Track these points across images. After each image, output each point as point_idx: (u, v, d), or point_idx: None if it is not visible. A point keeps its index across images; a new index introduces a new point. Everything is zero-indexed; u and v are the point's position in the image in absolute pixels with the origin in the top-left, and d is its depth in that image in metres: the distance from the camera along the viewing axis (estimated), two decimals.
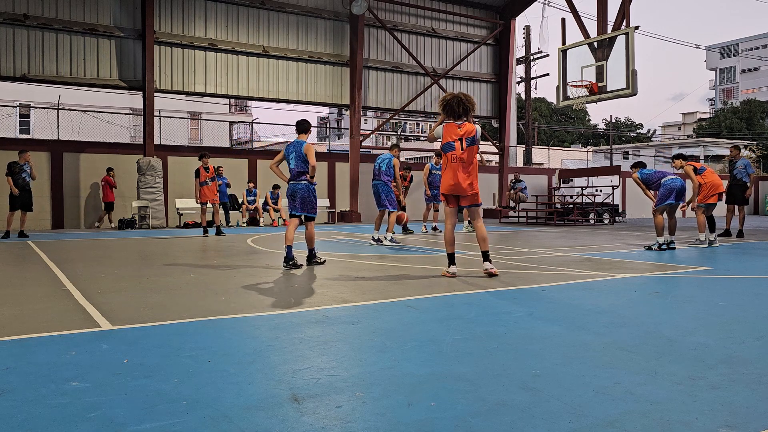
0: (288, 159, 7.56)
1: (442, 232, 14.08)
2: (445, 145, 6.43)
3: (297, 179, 7.45)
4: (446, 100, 6.52)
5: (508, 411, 2.36)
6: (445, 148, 6.43)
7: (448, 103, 6.49)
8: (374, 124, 64.34)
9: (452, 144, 6.37)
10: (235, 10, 19.55)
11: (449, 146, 6.39)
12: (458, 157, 6.35)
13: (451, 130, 6.41)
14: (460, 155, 6.35)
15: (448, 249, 6.46)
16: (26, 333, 3.73)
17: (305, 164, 7.39)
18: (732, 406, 2.42)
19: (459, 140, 6.35)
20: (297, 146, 7.47)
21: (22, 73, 16.80)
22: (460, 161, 6.35)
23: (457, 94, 6.52)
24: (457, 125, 6.41)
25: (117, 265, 7.58)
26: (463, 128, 6.40)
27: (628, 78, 15.55)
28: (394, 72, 22.56)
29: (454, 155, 6.37)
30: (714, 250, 9.68)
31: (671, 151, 50.99)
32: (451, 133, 6.40)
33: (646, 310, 4.51)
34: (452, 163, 6.38)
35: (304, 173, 7.41)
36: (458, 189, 6.39)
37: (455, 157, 6.36)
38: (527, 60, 30.28)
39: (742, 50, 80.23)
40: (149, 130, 17.78)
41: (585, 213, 21.19)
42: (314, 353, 3.25)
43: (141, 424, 2.23)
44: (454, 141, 6.36)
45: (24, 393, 2.58)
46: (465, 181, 6.36)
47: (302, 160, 7.40)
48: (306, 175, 7.41)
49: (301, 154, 7.40)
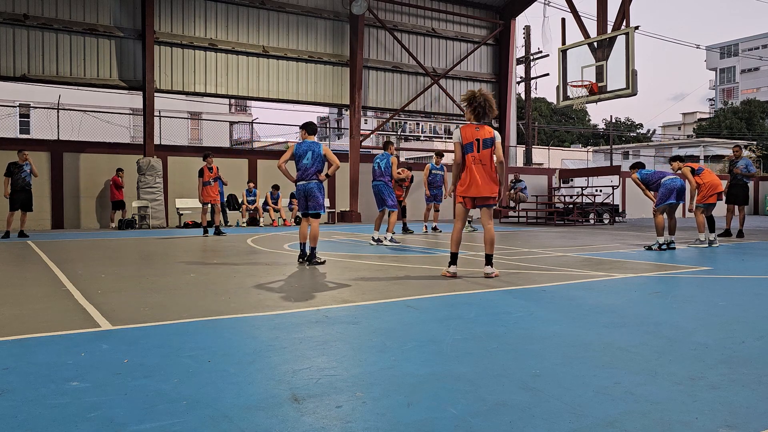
0: (301, 159, 7.69)
1: (442, 233, 14.11)
2: (465, 146, 6.35)
3: (310, 179, 7.64)
4: (474, 98, 6.35)
5: (508, 411, 2.36)
6: (466, 149, 6.35)
7: (475, 100, 6.35)
8: (374, 124, 64.30)
9: (470, 145, 6.33)
10: (235, 10, 19.55)
11: (468, 147, 6.34)
12: (476, 158, 6.30)
13: (470, 132, 6.35)
14: (477, 156, 6.30)
15: (453, 248, 6.43)
16: (26, 333, 3.73)
17: (323, 164, 7.68)
18: (732, 406, 2.42)
19: (476, 141, 6.31)
20: (314, 146, 7.67)
21: (22, 73, 16.80)
22: (478, 162, 6.31)
23: (484, 93, 6.38)
24: (476, 127, 6.36)
25: (117, 265, 7.58)
26: (481, 129, 6.36)
27: (628, 78, 15.56)
28: (394, 72, 22.56)
29: (473, 156, 6.33)
30: (714, 250, 9.68)
31: (671, 151, 51.02)
32: (469, 134, 6.34)
33: (646, 310, 4.51)
34: (471, 165, 6.33)
35: (319, 173, 7.66)
36: (476, 191, 6.34)
37: (474, 158, 6.32)
38: (527, 60, 30.28)
39: (742, 50, 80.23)
40: (149, 130, 17.78)
41: (585, 213, 21.19)
42: (314, 353, 3.25)
43: (141, 424, 2.23)
44: (472, 142, 6.32)
45: (24, 393, 2.58)
46: (483, 183, 6.31)
47: (321, 161, 7.66)
48: (319, 175, 7.66)
49: (320, 153, 7.63)
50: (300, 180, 7.69)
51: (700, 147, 50.98)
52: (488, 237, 6.43)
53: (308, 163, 7.65)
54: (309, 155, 7.64)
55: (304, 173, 7.66)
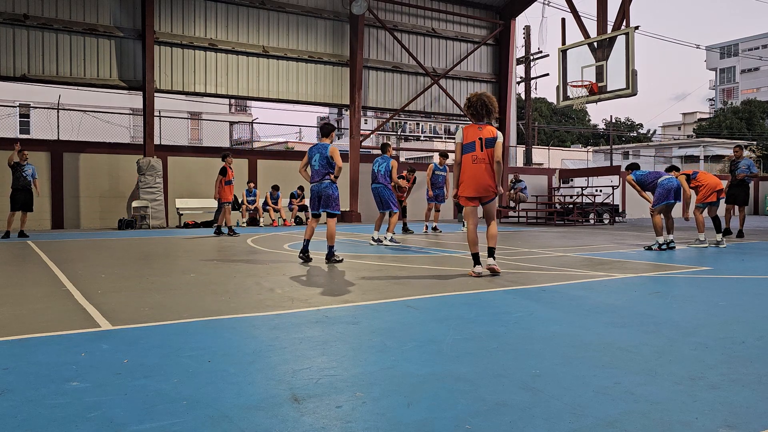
0: (311, 161, 7.88)
1: (442, 233, 14.10)
2: (465, 145, 6.43)
3: (321, 180, 7.76)
4: (470, 101, 6.56)
5: (508, 411, 2.36)
6: (465, 149, 6.43)
7: (470, 103, 6.55)
8: (374, 124, 64.27)
9: (472, 144, 6.40)
10: (235, 10, 19.56)
11: (469, 147, 6.41)
12: (478, 157, 6.37)
13: (472, 132, 6.45)
14: (480, 156, 6.37)
15: (472, 249, 6.50)
16: (26, 333, 3.73)
17: (330, 166, 7.75)
18: (732, 406, 2.42)
19: (479, 140, 6.38)
20: (321, 149, 7.82)
21: (22, 73, 16.80)
22: (481, 161, 6.37)
23: (480, 96, 6.54)
24: (478, 126, 6.46)
25: (117, 265, 7.58)
26: (483, 129, 6.44)
27: (628, 78, 15.55)
28: (394, 72, 22.56)
29: (474, 156, 6.38)
30: (720, 251, 9.66)
31: (671, 152, 51.02)
32: (470, 134, 6.43)
33: (647, 310, 4.50)
34: (472, 164, 6.39)
35: (328, 174, 7.77)
36: (479, 189, 6.42)
37: (475, 157, 6.38)
38: (527, 60, 30.29)
39: (742, 50, 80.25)
40: (149, 130, 17.78)
41: (585, 213, 21.19)
42: (314, 353, 3.25)
43: (141, 424, 2.23)
44: (474, 141, 6.39)
45: (24, 393, 2.58)
46: (486, 181, 6.39)
47: (327, 162, 7.75)
48: (330, 176, 7.77)
49: (326, 156, 7.74)
50: (312, 182, 7.86)
51: (700, 147, 50.97)
52: (491, 232, 6.53)
53: (315, 165, 7.82)
54: (317, 157, 7.80)
55: (314, 175, 7.85)
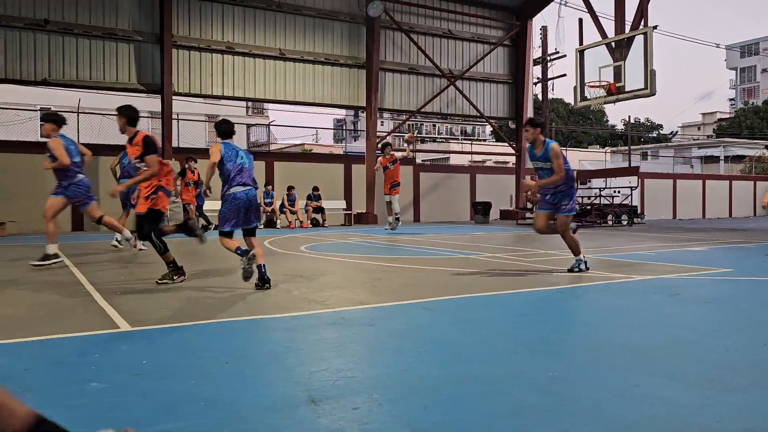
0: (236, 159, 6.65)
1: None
2: None
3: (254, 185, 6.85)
4: None
5: (526, 413, 2.35)
6: None
7: None
8: (391, 125, 64.27)
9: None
10: (252, 14, 19.66)
11: None
12: None
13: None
14: None
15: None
16: (46, 334, 3.78)
17: None
18: (753, 410, 2.38)
19: None
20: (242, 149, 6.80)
21: (43, 77, 17.04)
22: None
23: None
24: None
25: (136, 267, 7.65)
26: None
27: (647, 78, 15.39)
28: (410, 74, 22.53)
29: None
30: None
31: (691, 152, 50.43)
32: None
33: (666, 312, 4.45)
34: None
35: None
36: None
37: None
38: (544, 61, 30.11)
39: (762, 49, 79.10)
40: (167, 132, 17.94)
41: (603, 214, 21.02)
42: (331, 355, 3.25)
43: (159, 425, 2.24)
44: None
45: (44, 393, 2.61)
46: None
47: None
48: None
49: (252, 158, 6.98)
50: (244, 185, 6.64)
51: (720, 147, 50.33)
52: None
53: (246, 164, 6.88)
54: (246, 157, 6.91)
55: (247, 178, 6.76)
